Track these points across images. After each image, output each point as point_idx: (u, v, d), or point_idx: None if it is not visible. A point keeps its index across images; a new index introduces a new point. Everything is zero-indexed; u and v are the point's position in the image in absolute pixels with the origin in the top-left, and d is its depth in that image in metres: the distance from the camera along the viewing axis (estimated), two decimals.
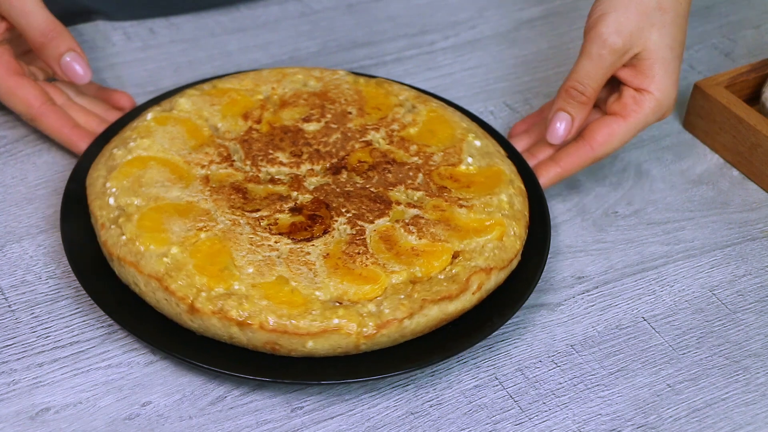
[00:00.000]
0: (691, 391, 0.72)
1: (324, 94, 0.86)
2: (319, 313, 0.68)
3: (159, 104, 0.83)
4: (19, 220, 0.80)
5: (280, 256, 0.72)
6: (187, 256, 0.70)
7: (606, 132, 0.83)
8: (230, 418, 0.68)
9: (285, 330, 0.67)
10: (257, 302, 0.68)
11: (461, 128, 0.84)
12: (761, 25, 1.09)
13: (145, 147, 0.78)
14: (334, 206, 0.76)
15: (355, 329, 0.68)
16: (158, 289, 0.69)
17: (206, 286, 0.69)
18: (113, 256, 0.71)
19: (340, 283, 0.70)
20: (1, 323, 0.72)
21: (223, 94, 0.84)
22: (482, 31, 1.06)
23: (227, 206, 0.75)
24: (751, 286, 0.80)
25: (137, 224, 0.72)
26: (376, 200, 0.77)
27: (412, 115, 0.84)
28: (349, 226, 0.74)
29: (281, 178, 0.78)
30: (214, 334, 0.69)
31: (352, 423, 0.68)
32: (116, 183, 0.75)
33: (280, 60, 0.99)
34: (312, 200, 0.76)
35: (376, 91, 0.87)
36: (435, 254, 0.73)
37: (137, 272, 0.70)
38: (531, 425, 0.69)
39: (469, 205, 0.77)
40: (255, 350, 0.69)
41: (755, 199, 0.88)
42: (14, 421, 0.67)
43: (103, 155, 0.79)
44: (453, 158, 0.81)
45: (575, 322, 0.76)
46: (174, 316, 0.69)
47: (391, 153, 0.81)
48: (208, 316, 0.68)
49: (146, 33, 1.01)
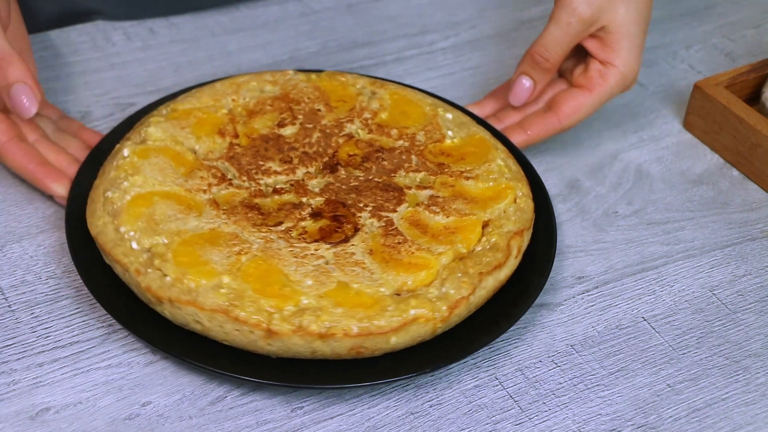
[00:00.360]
0: (691, 391, 0.72)
1: (286, 96, 0.85)
2: (394, 308, 0.69)
3: (128, 138, 0.80)
4: (19, 220, 0.80)
5: (329, 262, 0.72)
6: (241, 282, 0.69)
7: (573, 104, 0.87)
8: (230, 418, 0.68)
9: (369, 332, 0.68)
10: (333, 311, 0.68)
11: (428, 104, 0.86)
12: (761, 25, 1.09)
13: (139, 184, 0.75)
14: (350, 203, 0.76)
15: (432, 315, 0.69)
16: (226, 322, 0.67)
17: (276, 307, 0.68)
18: (163, 299, 0.69)
19: (397, 275, 0.71)
20: (1, 323, 0.72)
21: (188, 115, 0.82)
22: (482, 31, 1.06)
23: (250, 225, 0.74)
24: (751, 286, 0.80)
25: (175, 262, 0.70)
26: (386, 189, 0.78)
27: (377, 101, 0.86)
28: (375, 219, 0.75)
29: (283, 186, 0.78)
30: (295, 353, 0.68)
31: (352, 423, 0.68)
32: (131, 226, 0.72)
33: (280, 60, 0.99)
34: (325, 201, 0.76)
35: (332, 84, 0.87)
36: (469, 228, 0.75)
37: (198, 309, 0.68)
38: (531, 425, 0.69)
39: (474, 175, 0.79)
40: (338, 359, 0.69)
41: (755, 199, 0.88)
42: (14, 421, 0.67)
43: (95, 200, 0.75)
44: (435, 134, 0.83)
45: (575, 322, 0.76)
46: (247, 344, 0.68)
47: (375, 141, 0.82)
48: (289, 336, 0.67)
49: (146, 33, 1.01)
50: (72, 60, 0.97)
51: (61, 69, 0.96)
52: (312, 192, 0.77)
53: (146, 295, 0.70)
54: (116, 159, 0.77)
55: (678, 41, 1.06)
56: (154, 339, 0.69)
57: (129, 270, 0.70)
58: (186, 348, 0.69)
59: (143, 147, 0.78)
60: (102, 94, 0.93)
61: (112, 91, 0.94)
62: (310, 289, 0.69)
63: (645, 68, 1.01)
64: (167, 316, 0.69)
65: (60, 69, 0.96)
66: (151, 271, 0.69)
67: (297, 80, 0.87)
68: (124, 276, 0.71)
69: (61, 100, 0.92)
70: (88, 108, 0.92)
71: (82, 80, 0.95)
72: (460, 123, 0.85)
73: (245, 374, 0.67)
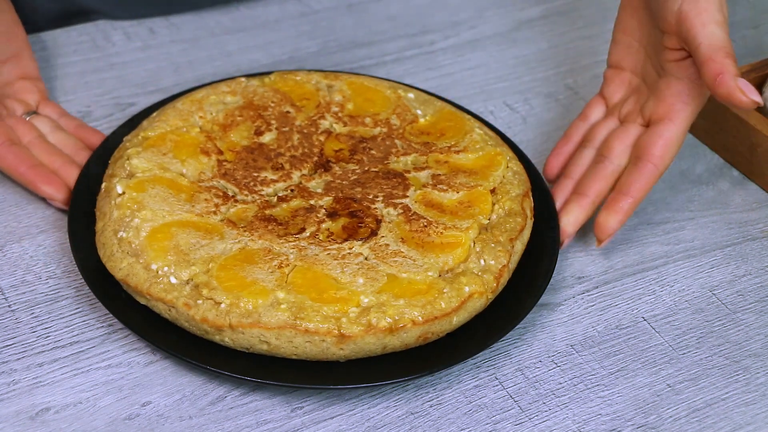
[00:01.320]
0: (691, 391, 0.72)
1: (251, 104, 0.84)
2: (449, 289, 0.70)
3: (112, 174, 0.77)
4: (19, 220, 0.80)
5: (368, 258, 0.72)
6: (296, 294, 0.69)
7: (661, 143, 0.77)
8: (230, 418, 0.68)
9: (434, 317, 0.69)
10: (395, 304, 0.69)
11: (387, 88, 0.87)
12: (761, 25, 1.09)
13: (149, 218, 0.73)
14: (359, 197, 0.77)
15: (483, 289, 0.71)
16: (296, 336, 0.67)
17: (341, 311, 0.68)
18: (223, 327, 0.68)
19: (437, 257, 0.72)
20: (1, 323, 0.72)
21: (163, 139, 0.79)
22: (482, 31, 1.06)
23: (276, 237, 0.73)
24: (751, 286, 0.80)
25: (224, 288, 0.69)
26: (388, 177, 0.79)
27: (337, 93, 0.86)
28: (391, 208, 0.76)
29: (286, 194, 0.77)
30: (366, 353, 0.69)
31: (352, 423, 0.68)
32: (161, 262, 0.70)
33: (280, 60, 0.99)
34: (334, 200, 0.77)
35: (287, 84, 0.87)
36: (481, 199, 0.77)
37: (264, 330, 0.67)
38: (531, 425, 0.69)
39: (462, 148, 0.82)
40: (407, 349, 0.70)
41: (755, 199, 0.88)
42: (14, 421, 0.67)
43: (107, 244, 0.72)
44: (407, 116, 0.85)
45: (575, 322, 0.76)
46: (317, 354, 0.68)
47: (354, 132, 0.83)
48: (361, 337, 0.68)
49: (146, 33, 1.01)
50: (72, 60, 0.97)
51: (61, 69, 0.96)
52: (316, 193, 0.77)
53: (202, 327, 0.68)
54: (111, 197, 0.75)
55: None
56: (155, 338, 0.69)
57: (177, 305, 0.68)
58: (186, 348, 0.69)
59: (136, 181, 0.76)
60: (102, 94, 0.93)
61: (112, 91, 0.94)
62: (364, 287, 0.70)
63: None
64: (227, 343, 0.68)
65: (60, 69, 0.96)
66: (203, 302, 0.68)
67: (253, 86, 0.86)
68: (169, 313, 0.69)
69: (61, 100, 0.92)
70: (88, 108, 0.92)
71: (82, 80, 0.95)
72: (424, 100, 0.86)
73: (246, 374, 0.67)
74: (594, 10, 1.09)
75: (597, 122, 0.84)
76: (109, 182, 0.76)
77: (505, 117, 0.95)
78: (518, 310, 0.73)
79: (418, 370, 0.69)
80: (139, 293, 0.70)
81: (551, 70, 1.01)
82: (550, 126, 0.94)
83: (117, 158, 0.79)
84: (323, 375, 0.68)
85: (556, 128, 0.93)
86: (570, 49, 1.04)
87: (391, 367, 0.69)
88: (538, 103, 0.96)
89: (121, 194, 0.75)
